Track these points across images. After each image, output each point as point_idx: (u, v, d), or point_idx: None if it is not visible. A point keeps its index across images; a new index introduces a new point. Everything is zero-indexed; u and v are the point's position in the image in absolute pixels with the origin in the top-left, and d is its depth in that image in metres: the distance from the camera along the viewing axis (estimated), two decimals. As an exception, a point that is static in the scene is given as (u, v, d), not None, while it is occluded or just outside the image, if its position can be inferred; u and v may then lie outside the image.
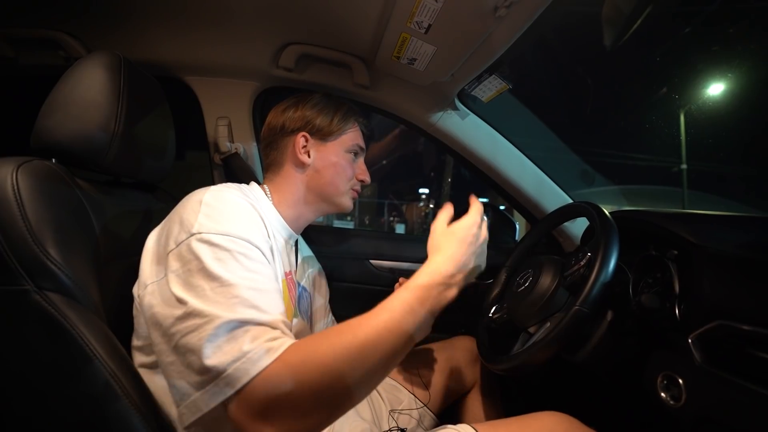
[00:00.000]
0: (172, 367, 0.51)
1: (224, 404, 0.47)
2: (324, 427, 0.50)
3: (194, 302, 0.50)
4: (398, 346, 0.53)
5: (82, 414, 0.56)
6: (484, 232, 0.69)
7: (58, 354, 0.54)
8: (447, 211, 0.70)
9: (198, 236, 0.55)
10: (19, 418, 0.57)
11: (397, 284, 0.90)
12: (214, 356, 0.47)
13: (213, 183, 1.00)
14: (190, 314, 0.49)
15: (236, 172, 1.16)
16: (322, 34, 1.02)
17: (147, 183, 0.87)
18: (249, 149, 1.19)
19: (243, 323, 0.49)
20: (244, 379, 0.46)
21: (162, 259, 0.57)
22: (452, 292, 0.61)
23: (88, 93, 0.67)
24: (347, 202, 0.88)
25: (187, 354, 0.49)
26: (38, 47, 1.06)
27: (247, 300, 0.51)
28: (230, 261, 0.53)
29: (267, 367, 0.46)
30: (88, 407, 0.55)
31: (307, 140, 0.83)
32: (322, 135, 0.83)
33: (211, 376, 0.47)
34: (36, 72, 1.13)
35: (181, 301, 0.51)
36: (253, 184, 0.82)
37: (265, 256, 0.59)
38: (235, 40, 1.04)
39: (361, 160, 0.91)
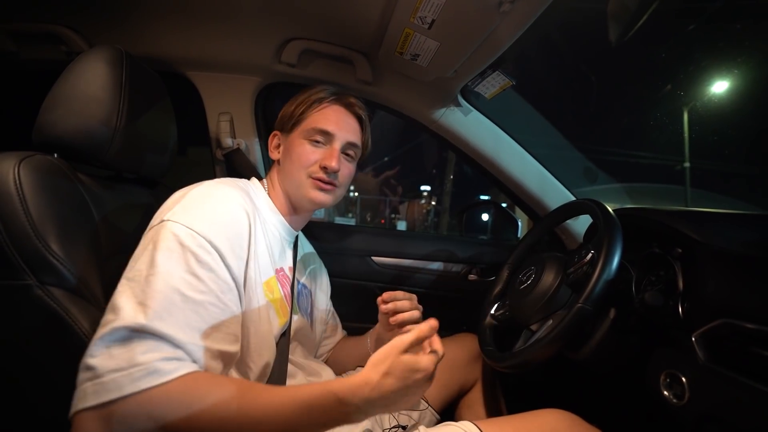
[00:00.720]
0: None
1: (86, 410, 0.45)
2: None
3: (121, 293, 0.50)
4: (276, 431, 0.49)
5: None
6: (426, 382, 0.54)
7: (59, 348, 0.55)
8: (420, 334, 0.55)
9: (165, 223, 0.56)
10: (21, 412, 0.57)
11: (379, 299, 0.80)
12: (98, 357, 0.45)
13: (214, 178, 1.00)
14: (113, 307, 0.49)
15: (238, 167, 1.16)
16: (324, 30, 1.01)
17: (148, 178, 0.87)
18: (251, 145, 1.18)
19: (145, 332, 0.47)
20: (114, 394, 0.43)
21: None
22: (359, 419, 0.52)
23: (89, 88, 0.67)
24: (311, 192, 0.78)
25: (96, 343, 0.47)
26: (40, 42, 1.06)
27: (167, 303, 0.49)
28: (178, 256, 0.53)
29: (144, 390, 0.44)
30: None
31: (278, 138, 0.84)
32: (288, 126, 0.82)
33: (88, 376, 0.45)
34: (38, 67, 1.13)
35: (120, 283, 0.52)
36: (254, 179, 0.83)
37: (225, 262, 0.57)
38: (237, 35, 1.03)
39: (331, 146, 0.79)
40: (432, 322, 0.56)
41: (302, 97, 0.82)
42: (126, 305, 0.49)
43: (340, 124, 0.80)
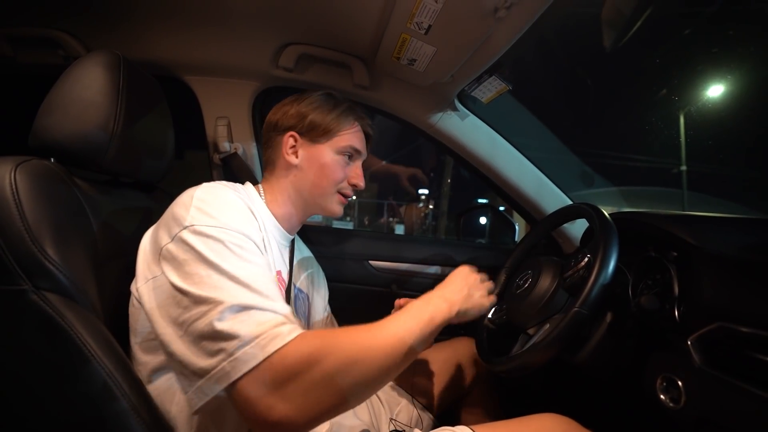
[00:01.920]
0: (181, 355, 0.51)
1: (231, 387, 0.47)
2: (337, 414, 0.52)
3: (195, 291, 0.51)
4: (400, 348, 0.56)
5: (79, 415, 0.56)
6: (479, 281, 0.76)
7: (56, 354, 0.54)
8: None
9: (191, 228, 0.56)
10: (16, 419, 0.57)
11: (397, 301, 0.86)
12: (222, 340, 0.48)
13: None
14: (195, 302, 0.51)
15: (235, 172, 1.16)
16: (322, 35, 1.01)
17: (146, 183, 0.87)
18: (248, 149, 1.19)
19: (246, 308, 0.50)
20: (252, 363, 0.47)
21: (157, 255, 0.58)
22: (453, 307, 0.66)
23: (87, 92, 0.67)
24: (332, 206, 0.84)
25: (197, 340, 0.50)
26: (37, 46, 1.06)
27: (248, 286, 0.52)
28: (224, 251, 0.54)
29: (278, 350, 0.48)
30: (85, 408, 0.55)
31: (296, 140, 0.82)
32: (314, 135, 0.81)
33: (220, 359, 0.48)
34: (35, 71, 1.13)
35: (182, 292, 0.52)
36: (248, 184, 0.82)
37: (258, 248, 0.60)
38: (235, 39, 1.04)
39: (357, 163, 0.86)
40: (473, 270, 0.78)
41: (333, 109, 0.83)
42: (213, 294, 0.50)
43: (364, 144, 0.88)
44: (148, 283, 0.58)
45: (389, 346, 0.55)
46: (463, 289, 0.70)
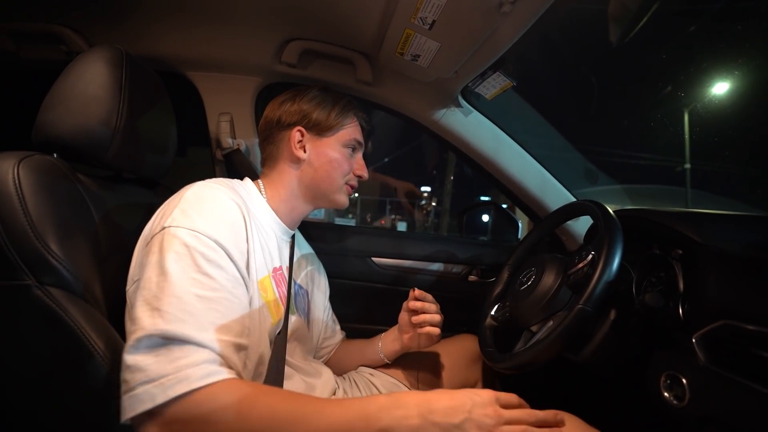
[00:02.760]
0: None
1: (130, 421, 0.46)
2: None
3: (136, 304, 0.50)
4: None
5: (82, 408, 0.56)
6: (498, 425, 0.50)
7: (59, 349, 0.54)
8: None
9: (168, 230, 0.56)
10: (19, 414, 0.57)
11: (411, 291, 0.87)
12: (128, 369, 0.46)
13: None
14: (132, 318, 0.50)
15: (238, 168, 1.16)
16: (325, 30, 1.01)
17: (148, 178, 0.87)
18: (251, 145, 1.18)
19: (167, 338, 0.47)
20: (147, 405, 0.44)
21: (142, 253, 0.59)
22: (416, 423, 0.48)
23: (89, 88, 0.67)
24: (342, 197, 0.87)
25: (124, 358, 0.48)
26: (40, 41, 1.06)
27: (184, 305, 0.49)
28: (186, 258, 0.53)
29: (176, 398, 0.44)
30: (88, 401, 0.56)
31: (302, 135, 0.82)
32: (319, 129, 0.82)
33: (124, 388, 0.46)
34: (37, 66, 1.13)
35: (132, 300, 0.53)
36: (247, 179, 0.82)
37: (231, 258, 0.58)
38: (237, 35, 1.03)
39: (359, 155, 0.89)
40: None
41: (336, 103, 0.84)
42: (143, 314, 0.49)
43: (362, 136, 0.89)
44: (135, 284, 0.59)
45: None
46: (457, 414, 0.49)
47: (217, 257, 0.56)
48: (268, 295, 0.71)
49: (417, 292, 0.87)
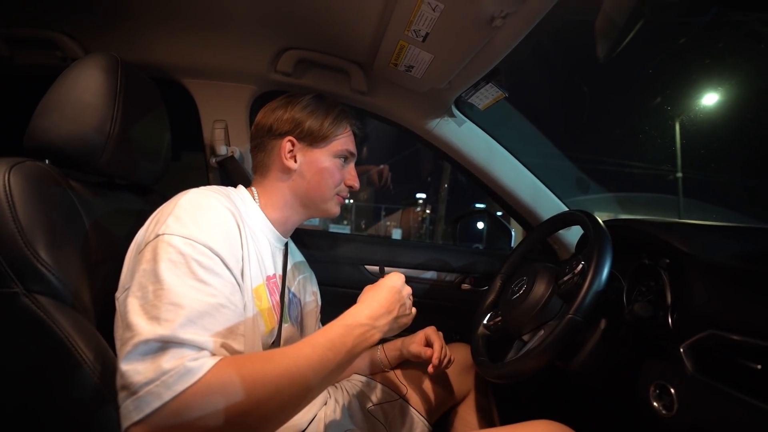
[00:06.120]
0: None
1: (135, 425, 0.45)
2: None
3: (131, 311, 0.50)
4: (315, 380, 0.53)
5: (69, 419, 0.55)
6: (407, 298, 0.74)
7: (47, 358, 0.54)
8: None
9: (161, 237, 0.55)
10: (5, 423, 0.56)
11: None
12: (127, 375, 0.45)
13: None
14: (126, 325, 0.49)
15: (232, 175, 1.16)
16: (320, 40, 1.02)
17: (141, 185, 0.87)
18: (245, 153, 1.19)
19: (165, 342, 0.47)
20: (155, 404, 0.44)
21: (134, 260, 0.58)
22: (375, 335, 0.63)
23: (84, 94, 0.67)
24: (333, 207, 0.86)
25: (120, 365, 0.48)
26: (35, 47, 1.06)
27: (181, 312, 0.49)
28: (182, 266, 0.53)
29: (182, 392, 0.44)
30: (76, 412, 0.55)
31: (293, 145, 0.81)
32: (311, 140, 0.81)
33: (124, 395, 0.45)
34: (32, 72, 1.13)
35: (124, 309, 0.52)
36: (241, 187, 0.82)
37: (227, 266, 0.58)
38: (233, 43, 1.04)
39: (351, 165, 0.88)
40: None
41: (328, 113, 0.83)
42: (140, 321, 0.48)
43: (355, 145, 0.89)
44: (124, 292, 0.57)
45: (303, 380, 0.52)
46: (392, 310, 0.67)
47: (213, 264, 0.56)
48: (263, 303, 0.71)
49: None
